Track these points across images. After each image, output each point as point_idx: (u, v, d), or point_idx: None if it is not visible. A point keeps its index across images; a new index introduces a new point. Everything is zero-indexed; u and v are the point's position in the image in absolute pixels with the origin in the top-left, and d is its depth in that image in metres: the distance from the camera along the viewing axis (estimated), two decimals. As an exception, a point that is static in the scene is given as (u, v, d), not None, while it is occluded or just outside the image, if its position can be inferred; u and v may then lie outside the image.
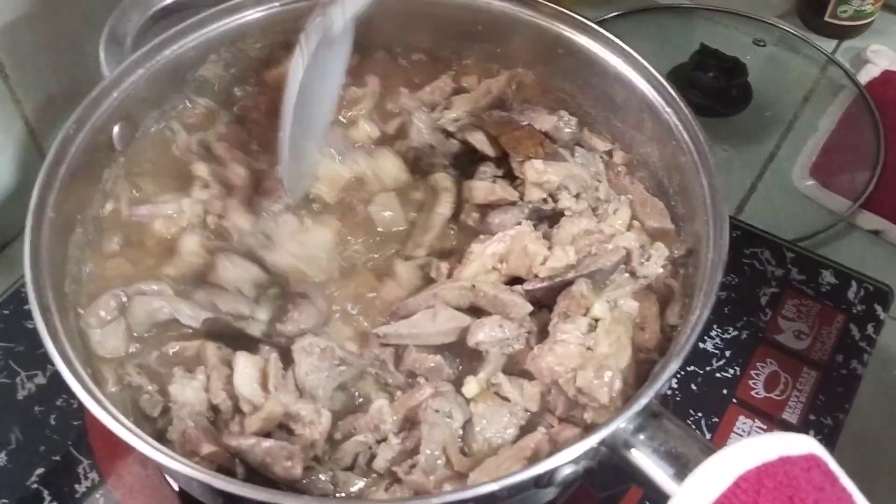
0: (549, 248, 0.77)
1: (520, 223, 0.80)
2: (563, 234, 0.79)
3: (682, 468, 0.59)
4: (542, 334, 0.74)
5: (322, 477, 0.67)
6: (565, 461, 0.61)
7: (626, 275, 0.77)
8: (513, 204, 0.82)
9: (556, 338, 0.71)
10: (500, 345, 0.73)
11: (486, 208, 0.84)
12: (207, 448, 0.66)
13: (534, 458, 0.66)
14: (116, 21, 0.84)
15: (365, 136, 0.89)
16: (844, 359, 0.91)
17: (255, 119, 0.90)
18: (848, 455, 0.61)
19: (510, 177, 0.85)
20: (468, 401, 0.72)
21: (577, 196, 0.82)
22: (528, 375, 0.73)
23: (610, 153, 0.88)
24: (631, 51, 0.83)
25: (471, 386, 0.72)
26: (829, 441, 0.85)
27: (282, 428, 0.69)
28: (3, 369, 0.88)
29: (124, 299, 0.75)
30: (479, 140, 0.87)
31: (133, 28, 0.85)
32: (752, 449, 0.57)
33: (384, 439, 0.70)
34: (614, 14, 1.27)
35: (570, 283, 0.74)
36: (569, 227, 0.79)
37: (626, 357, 0.71)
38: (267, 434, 0.68)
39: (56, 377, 0.85)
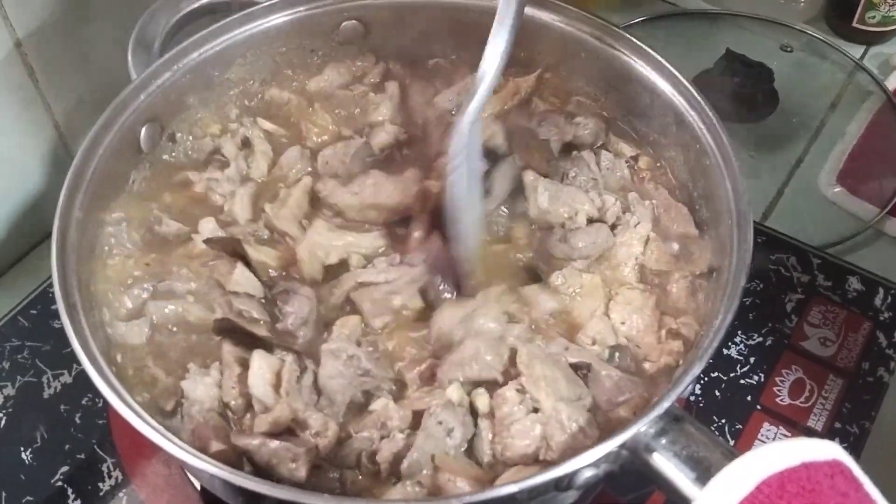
0: None
1: None
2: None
3: (703, 472, 0.59)
4: None
5: (330, 475, 0.67)
6: (586, 464, 0.61)
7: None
8: None
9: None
10: None
11: None
12: (216, 446, 0.66)
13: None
14: (144, 25, 0.86)
15: (386, 141, 0.89)
16: (871, 366, 0.90)
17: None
18: (873, 463, 0.60)
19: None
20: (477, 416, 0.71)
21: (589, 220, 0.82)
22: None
23: (636, 158, 0.88)
24: (656, 55, 0.82)
25: (483, 399, 0.72)
26: (854, 449, 0.84)
27: (290, 431, 0.69)
28: (30, 368, 0.89)
29: (146, 295, 0.76)
30: (496, 134, 0.87)
31: (160, 32, 0.86)
32: (775, 454, 0.56)
33: (388, 436, 0.69)
34: (640, 19, 1.27)
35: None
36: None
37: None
38: (275, 436, 0.68)
39: (82, 376, 0.87)
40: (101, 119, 0.78)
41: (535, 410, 0.70)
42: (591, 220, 0.83)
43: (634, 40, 0.84)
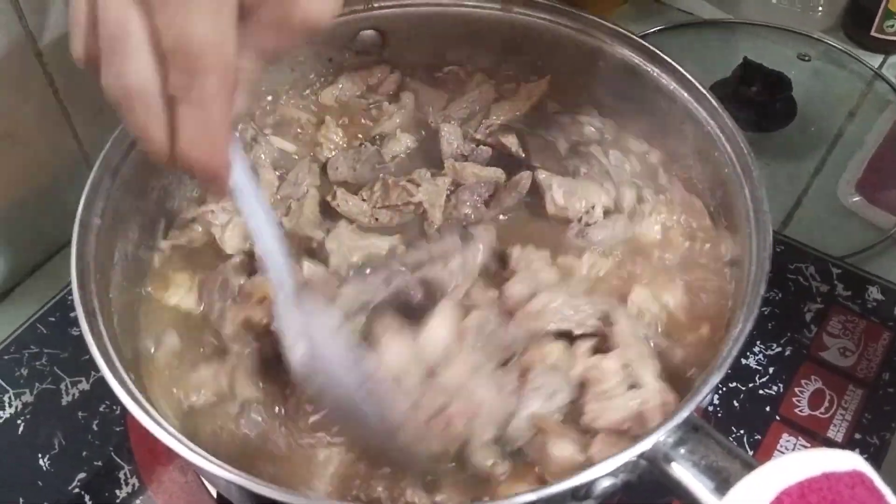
0: None
1: None
2: None
3: (723, 482, 0.58)
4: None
5: None
6: (603, 473, 0.60)
7: None
8: None
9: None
10: None
11: None
12: None
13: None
14: (164, 35, 0.86)
15: (402, 147, 0.90)
16: (891, 376, 0.89)
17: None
18: (894, 475, 0.59)
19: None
20: None
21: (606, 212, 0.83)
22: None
23: (646, 153, 0.88)
24: (673, 62, 0.82)
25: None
26: (875, 460, 0.83)
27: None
28: (48, 375, 0.90)
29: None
30: (511, 142, 0.87)
31: (180, 42, 0.86)
32: (796, 464, 0.56)
33: None
34: (656, 29, 1.27)
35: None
36: None
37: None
38: None
39: (99, 383, 0.88)
40: (120, 127, 0.78)
41: (632, 386, 0.70)
42: (607, 212, 0.83)
43: (650, 47, 0.84)
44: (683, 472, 0.60)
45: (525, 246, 0.80)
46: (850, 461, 0.57)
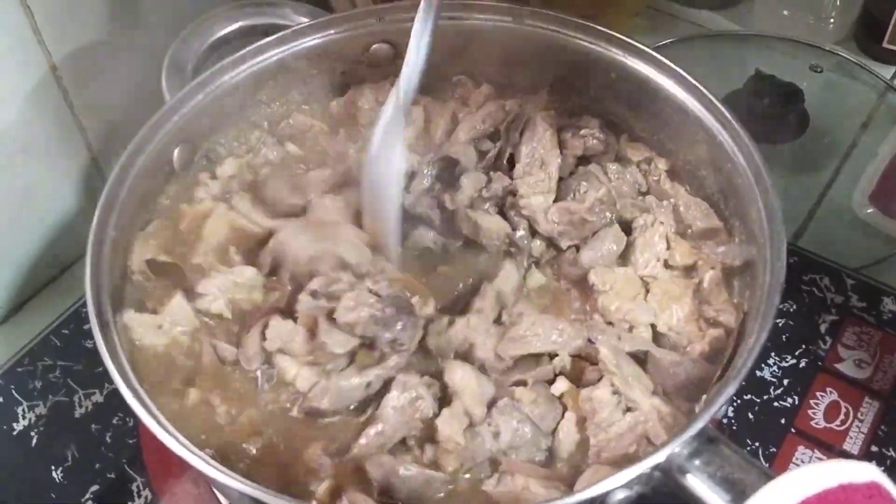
0: None
1: None
2: None
3: (738, 495, 0.58)
4: None
5: None
6: (617, 485, 0.60)
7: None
8: None
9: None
10: None
11: None
12: None
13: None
14: (177, 49, 0.87)
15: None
16: (908, 389, 0.89)
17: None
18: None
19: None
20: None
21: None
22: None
23: (649, 161, 0.88)
24: (685, 74, 0.82)
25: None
26: (892, 473, 0.80)
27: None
28: (61, 387, 0.90)
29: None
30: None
31: (194, 56, 0.87)
32: (812, 476, 0.55)
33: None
34: (667, 41, 1.26)
35: None
36: None
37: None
38: None
39: (112, 396, 0.88)
40: (135, 139, 0.79)
41: (629, 409, 0.70)
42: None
43: (662, 59, 0.84)
44: (699, 483, 0.60)
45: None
46: (868, 473, 0.56)
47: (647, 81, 0.85)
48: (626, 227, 0.84)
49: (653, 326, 0.78)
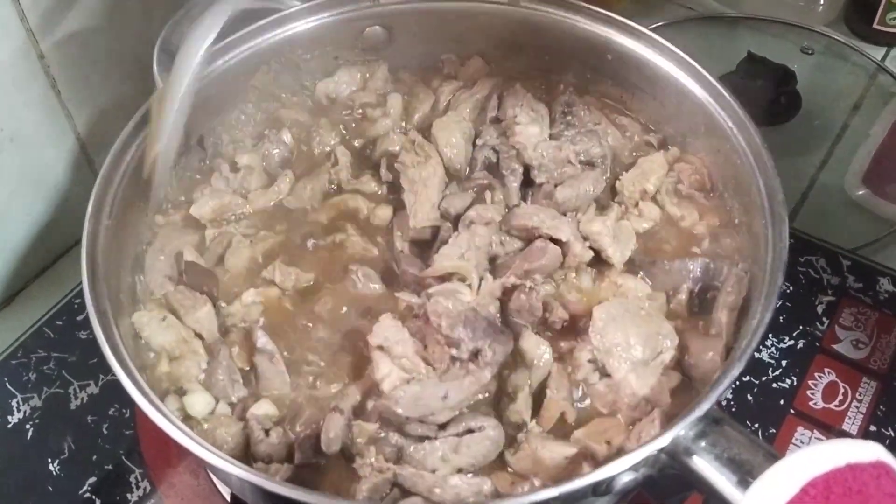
0: None
1: None
2: None
3: (745, 475, 0.58)
4: None
5: None
6: (624, 468, 0.60)
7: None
8: None
9: None
10: None
11: None
12: None
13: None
14: (169, 34, 0.85)
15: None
16: (905, 368, 0.89)
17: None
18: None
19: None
20: None
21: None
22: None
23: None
24: (683, 54, 0.82)
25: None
26: (891, 452, 0.82)
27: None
28: (56, 379, 0.89)
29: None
30: None
31: (185, 41, 0.86)
32: (820, 455, 0.55)
33: None
34: (659, 24, 1.26)
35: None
36: None
37: None
38: None
39: (109, 386, 0.87)
40: (128, 126, 0.78)
41: (609, 375, 0.71)
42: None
43: (660, 39, 0.84)
44: (705, 465, 0.60)
45: None
46: (874, 451, 0.56)
47: (643, 61, 0.85)
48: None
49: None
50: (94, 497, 0.82)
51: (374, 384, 0.71)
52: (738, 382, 0.88)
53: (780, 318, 0.92)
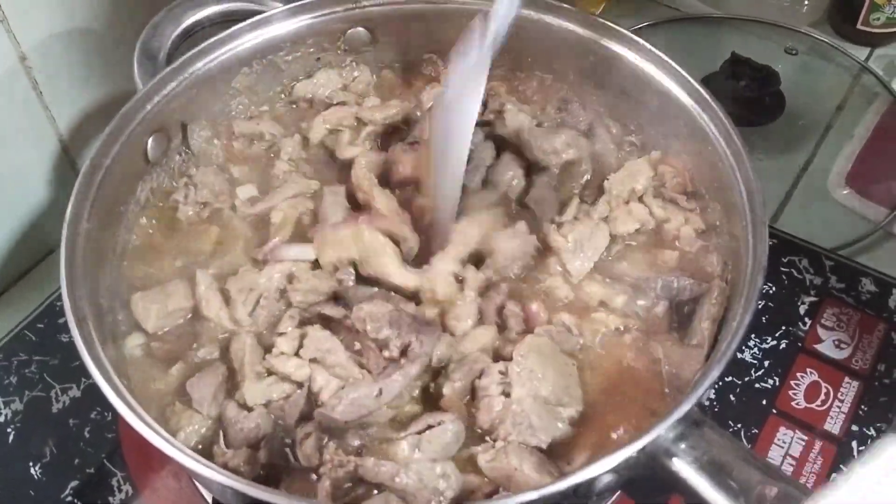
0: None
1: None
2: None
3: (725, 477, 0.58)
4: None
5: None
6: (605, 470, 0.60)
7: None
8: None
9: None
10: None
11: None
12: None
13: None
14: (149, 36, 0.85)
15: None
16: (887, 368, 0.89)
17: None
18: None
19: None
20: None
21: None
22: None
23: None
24: (664, 57, 0.82)
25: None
26: (872, 452, 0.83)
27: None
28: (37, 383, 0.89)
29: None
30: None
31: (166, 43, 0.85)
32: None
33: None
34: (644, 25, 1.26)
35: None
36: None
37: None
38: None
39: (90, 390, 0.87)
40: (107, 129, 0.77)
41: (508, 395, 0.70)
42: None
43: (641, 42, 0.83)
44: (685, 467, 0.60)
45: None
46: None
47: (624, 64, 0.85)
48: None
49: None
50: (76, 501, 0.81)
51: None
52: (720, 383, 0.88)
53: (763, 318, 0.92)
